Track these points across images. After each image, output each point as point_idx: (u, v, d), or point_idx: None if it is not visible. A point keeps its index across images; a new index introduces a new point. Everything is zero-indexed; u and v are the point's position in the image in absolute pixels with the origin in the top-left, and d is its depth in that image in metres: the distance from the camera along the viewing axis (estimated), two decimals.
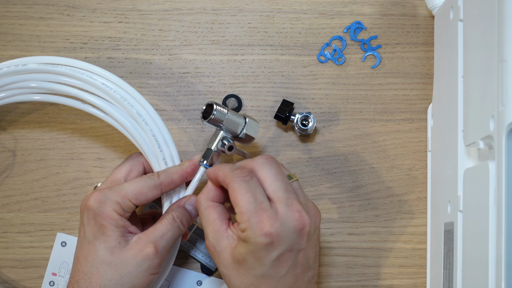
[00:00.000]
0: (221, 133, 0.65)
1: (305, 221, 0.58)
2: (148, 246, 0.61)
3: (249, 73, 0.75)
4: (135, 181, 0.63)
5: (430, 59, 0.75)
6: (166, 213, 0.63)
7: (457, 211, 0.62)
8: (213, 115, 0.63)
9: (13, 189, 0.74)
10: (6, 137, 0.74)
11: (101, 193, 0.62)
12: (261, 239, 0.56)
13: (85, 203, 0.62)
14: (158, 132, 0.65)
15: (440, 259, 0.67)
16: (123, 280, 0.60)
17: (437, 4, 0.71)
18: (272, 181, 0.59)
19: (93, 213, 0.61)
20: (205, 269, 0.72)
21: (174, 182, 0.64)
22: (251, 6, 0.75)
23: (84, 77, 0.64)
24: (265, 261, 0.57)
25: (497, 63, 0.54)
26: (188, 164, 0.65)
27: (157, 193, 0.63)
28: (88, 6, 0.75)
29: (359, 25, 0.75)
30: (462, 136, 0.62)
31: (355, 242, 0.73)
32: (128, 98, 0.64)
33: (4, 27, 0.75)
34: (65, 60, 0.65)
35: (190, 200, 0.64)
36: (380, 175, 0.74)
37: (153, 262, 0.61)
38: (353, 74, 0.75)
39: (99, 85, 0.64)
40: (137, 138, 0.65)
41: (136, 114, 0.64)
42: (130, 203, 0.62)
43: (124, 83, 0.65)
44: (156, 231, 0.62)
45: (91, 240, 0.61)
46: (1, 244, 0.73)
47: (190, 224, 0.65)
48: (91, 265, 0.60)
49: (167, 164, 0.65)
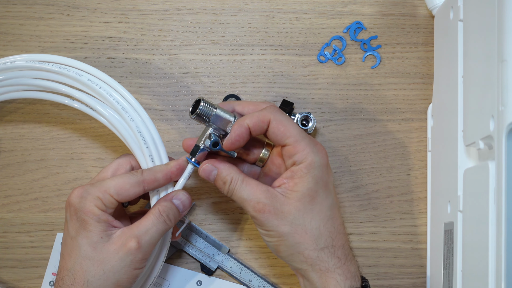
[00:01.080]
0: (210, 130, 0.64)
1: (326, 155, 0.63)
2: (131, 240, 0.60)
3: (249, 73, 0.75)
4: (117, 177, 0.62)
5: (430, 59, 0.75)
6: (153, 208, 0.63)
7: (457, 211, 0.62)
8: (199, 110, 0.63)
9: (13, 189, 0.74)
10: (6, 137, 0.74)
11: (82, 189, 0.61)
12: (323, 160, 0.61)
13: (68, 200, 0.62)
14: (145, 129, 0.64)
15: (440, 259, 0.67)
16: (107, 276, 0.60)
17: (437, 4, 0.71)
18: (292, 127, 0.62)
19: (75, 209, 0.61)
20: (205, 269, 0.72)
21: (157, 180, 0.63)
22: (251, 6, 0.75)
23: (70, 73, 0.64)
24: (330, 186, 0.61)
25: (497, 63, 0.54)
26: (173, 163, 0.64)
27: (139, 190, 0.62)
28: (88, 6, 0.75)
29: (359, 25, 0.75)
30: (462, 136, 0.62)
31: (355, 242, 0.73)
32: (114, 95, 0.64)
33: (4, 27, 0.75)
34: (52, 57, 0.66)
35: (177, 195, 0.64)
36: (380, 175, 0.74)
37: (136, 257, 0.60)
38: (353, 74, 0.75)
39: (85, 81, 0.64)
40: (124, 135, 0.65)
41: (121, 110, 0.64)
42: (111, 198, 0.61)
43: (111, 79, 0.65)
44: (140, 225, 0.61)
45: (74, 236, 0.61)
46: (1, 244, 0.73)
47: (178, 219, 0.64)
48: (74, 261, 0.60)
49: (154, 161, 0.64)
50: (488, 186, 0.55)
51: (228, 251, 0.72)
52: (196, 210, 0.74)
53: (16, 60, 0.66)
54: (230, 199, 0.73)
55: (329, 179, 0.61)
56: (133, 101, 0.65)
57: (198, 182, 0.74)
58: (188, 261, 0.73)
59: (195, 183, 0.74)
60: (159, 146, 0.65)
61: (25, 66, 0.65)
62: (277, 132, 0.60)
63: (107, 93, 0.64)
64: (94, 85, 0.64)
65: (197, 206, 0.74)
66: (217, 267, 0.72)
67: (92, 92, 0.65)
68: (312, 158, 0.59)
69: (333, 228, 0.60)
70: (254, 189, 0.61)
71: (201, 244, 0.72)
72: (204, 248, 0.72)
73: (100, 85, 0.64)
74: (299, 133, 0.60)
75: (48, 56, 0.66)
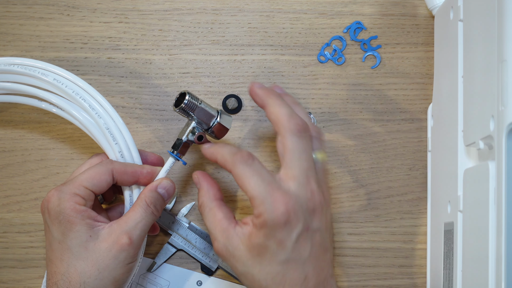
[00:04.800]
0: (193, 124, 0.64)
1: (320, 199, 0.58)
2: (122, 237, 0.60)
3: (249, 73, 0.75)
4: (88, 170, 0.62)
5: (430, 59, 0.75)
6: (138, 199, 0.62)
7: (457, 211, 0.62)
8: (184, 104, 0.63)
9: (13, 189, 0.74)
10: (6, 137, 0.74)
11: (57, 190, 0.61)
12: (278, 219, 0.55)
13: (44, 204, 0.61)
14: (113, 125, 0.64)
15: (440, 259, 0.67)
16: (102, 275, 0.60)
17: (437, 4, 0.71)
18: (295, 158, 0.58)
19: (55, 212, 0.60)
20: (205, 269, 0.72)
21: (126, 173, 0.63)
22: (251, 6, 0.75)
23: (36, 74, 0.65)
24: (287, 243, 0.56)
25: (497, 63, 0.54)
26: (146, 167, 0.64)
27: (110, 178, 0.62)
28: (88, 6, 0.75)
29: (359, 25, 0.75)
30: (462, 136, 0.62)
31: (355, 242, 0.73)
32: (80, 92, 0.65)
33: (4, 27, 0.75)
34: (16, 59, 0.66)
35: (162, 183, 0.63)
36: (380, 175, 0.74)
37: (129, 253, 0.60)
38: (353, 74, 0.75)
39: (51, 81, 0.64)
40: (93, 132, 0.65)
41: (88, 107, 0.64)
42: (87, 190, 0.61)
43: (76, 77, 0.65)
44: (129, 220, 0.61)
45: (61, 239, 0.60)
46: (1, 244, 0.73)
47: (163, 209, 0.64)
48: (67, 265, 0.60)
49: (124, 157, 0.64)
50: (488, 186, 0.55)
51: None
52: (196, 210, 0.74)
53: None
54: (230, 200, 0.74)
55: (287, 237, 0.56)
56: (100, 98, 0.65)
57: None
58: (188, 261, 0.73)
59: None
60: (130, 145, 0.65)
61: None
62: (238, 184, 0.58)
63: (73, 92, 0.64)
64: (60, 84, 0.64)
65: (197, 206, 0.74)
66: (217, 267, 0.72)
67: (59, 91, 0.65)
68: (266, 217, 0.56)
69: (283, 283, 0.57)
70: (215, 224, 0.59)
71: (201, 244, 0.72)
72: (204, 248, 0.72)
73: (66, 84, 0.65)
74: (256, 188, 0.56)
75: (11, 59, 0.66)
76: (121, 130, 0.65)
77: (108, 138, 0.65)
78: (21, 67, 0.65)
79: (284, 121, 0.58)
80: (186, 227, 0.72)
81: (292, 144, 0.58)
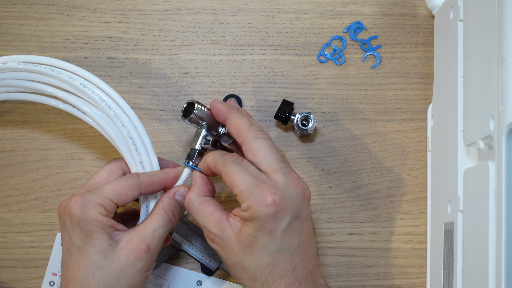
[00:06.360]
0: (203, 132, 0.65)
1: (304, 187, 0.59)
2: (140, 245, 0.60)
3: (249, 73, 0.75)
4: (115, 181, 0.62)
5: (430, 59, 0.75)
6: (156, 207, 0.63)
7: (457, 211, 0.62)
8: (194, 114, 0.63)
9: (13, 189, 0.74)
10: (6, 137, 0.74)
11: (81, 198, 0.60)
12: (267, 209, 0.57)
13: (65, 209, 0.61)
14: (136, 135, 0.64)
15: (440, 259, 0.67)
16: (121, 283, 0.60)
17: (437, 4, 0.71)
18: (267, 153, 0.60)
19: (77, 219, 0.60)
20: (205, 269, 0.72)
21: (153, 184, 0.63)
22: (251, 6, 0.75)
23: (63, 77, 0.64)
24: (277, 233, 0.58)
25: (497, 63, 0.54)
26: (171, 171, 0.64)
27: (137, 193, 0.62)
28: (88, 6, 0.75)
29: (359, 25, 0.75)
30: (462, 136, 0.62)
31: (355, 242, 0.73)
32: (106, 100, 0.64)
33: (4, 27, 0.75)
34: (45, 59, 0.65)
35: (179, 191, 0.64)
36: (380, 175, 0.74)
37: (147, 261, 0.60)
38: (353, 74, 0.75)
39: (77, 85, 0.64)
40: (115, 140, 0.64)
41: (113, 115, 0.64)
42: (112, 203, 0.61)
43: (103, 83, 0.65)
44: (147, 228, 0.61)
45: (81, 246, 0.60)
46: (1, 244, 0.73)
47: (180, 216, 0.64)
48: (85, 272, 0.59)
49: (144, 168, 0.64)
50: (488, 186, 0.55)
51: None
52: None
53: (7, 61, 0.65)
54: (230, 200, 0.74)
55: (277, 227, 0.58)
56: (125, 107, 0.64)
57: None
58: (188, 261, 0.73)
59: None
60: (150, 153, 0.65)
61: (17, 68, 0.65)
62: (226, 183, 0.59)
63: (99, 98, 0.64)
64: (86, 89, 0.64)
65: None
66: (217, 267, 0.72)
67: (85, 96, 0.64)
68: (254, 209, 0.57)
69: (273, 273, 0.58)
70: (208, 217, 0.60)
71: (201, 244, 0.72)
72: (204, 248, 0.72)
73: (92, 89, 0.64)
74: (244, 183, 0.58)
75: (40, 58, 0.65)
76: (143, 140, 0.65)
77: (130, 147, 0.64)
78: (47, 68, 0.65)
79: (245, 130, 0.61)
80: (186, 227, 0.72)
81: (259, 144, 0.60)
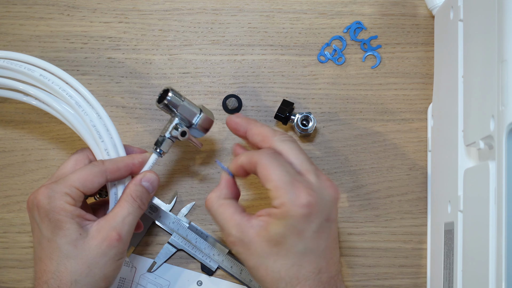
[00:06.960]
0: (176, 120, 0.65)
1: (336, 189, 0.59)
2: (111, 233, 0.60)
3: (249, 73, 0.75)
4: (80, 170, 0.62)
5: (430, 59, 0.75)
6: (124, 194, 0.62)
7: (457, 211, 0.62)
8: (166, 100, 0.64)
9: (13, 189, 0.74)
10: (6, 137, 0.74)
11: (47, 188, 0.60)
12: (301, 210, 0.56)
13: (33, 202, 0.61)
14: (99, 122, 0.64)
15: (440, 259, 0.67)
16: (93, 272, 0.60)
17: (437, 4, 0.71)
18: (297, 154, 0.60)
19: (45, 210, 0.60)
20: (205, 269, 0.72)
21: (119, 169, 0.63)
22: (251, 6, 0.75)
23: (22, 69, 0.64)
24: (306, 234, 0.57)
25: (497, 63, 0.54)
26: (137, 157, 0.64)
27: (103, 179, 0.62)
28: (88, 6, 0.75)
29: (359, 25, 0.75)
30: (462, 136, 0.62)
31: (355, 242, 0.73)
32: (67, 89, 0.64)
33: (4, 27, 0.75)
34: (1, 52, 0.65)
35: (146, 177, 0.63)
36: (380, 175, 0.74)
37: (119, 249, 0.60)
38: (353, 74, 0.75)
39: (37, 76, 0.64)
40: (79, 129, 0.64)
41: (75, 104, 0.63)
42: (78, 191, 0.61)
43: (63, 72, 0.64)
44: (117, 216, 0.61)
45: (51, 237, 0.60)
46: (1, 244, 0.73)
47: (149, 202, 0.64)
48: (57, 263, 0.59)
49: (109, 154, 0.64)
50: (489, 186, 0.55)
51: (228, 251, 0.72)
52: (196, 210, 0.74)
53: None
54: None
55: (308, 228, 0.57)
56: (87, 95, 0.64)
57: (198, 182, 0.74)
58: (188, 261, 0.73)
59: (196, 183, 0.74)
60: (115, 140, 0.64)
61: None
62: (260, 175, 0.59)
63: (59, 88, 0.64)
64: (46, 80, 0.64)
65: (197, 206, 0.74)
66: (217, 267, 0.72)
67: (45, 87, 0.64)
68: (288, 208, 0.57)
69: (298, 275, 0.57)
70: (228, 219, 0.59)
71: (201, 244, 0.72)
72: (204, 248, 0.72)
73: (52, 80, 0.64)
74: (281, 179, 0.57)
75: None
76: (107, 127, 0.64)
77: (94, 136, 0.64)
78: (6, 61, 0.64)
79: (270, 135, 0.61)
80: (186, 227, 0.72)
81: (288, 146, 0.60)
